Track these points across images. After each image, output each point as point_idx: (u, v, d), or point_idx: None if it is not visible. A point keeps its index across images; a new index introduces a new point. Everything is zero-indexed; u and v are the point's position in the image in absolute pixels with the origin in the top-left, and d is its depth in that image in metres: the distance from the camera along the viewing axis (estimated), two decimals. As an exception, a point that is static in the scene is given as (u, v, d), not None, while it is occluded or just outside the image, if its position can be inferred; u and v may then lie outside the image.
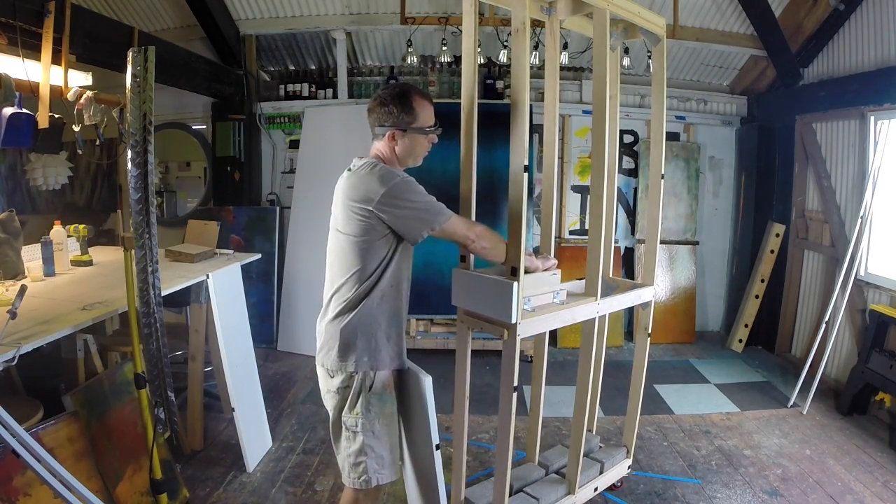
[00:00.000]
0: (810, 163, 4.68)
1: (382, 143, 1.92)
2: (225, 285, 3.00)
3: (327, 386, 1.94)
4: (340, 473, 1.96)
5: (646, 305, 2.75)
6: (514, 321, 1.98)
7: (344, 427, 1.90)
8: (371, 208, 1.79)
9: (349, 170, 1.93)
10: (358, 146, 2.86)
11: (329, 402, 1.96)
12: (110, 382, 2.46)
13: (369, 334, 1.87)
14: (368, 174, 1.83)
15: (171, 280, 2.72)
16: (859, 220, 3.77)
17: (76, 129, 2.75)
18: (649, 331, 2.78)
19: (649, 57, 3.76)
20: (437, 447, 1.94)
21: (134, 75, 2.06)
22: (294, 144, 5.26)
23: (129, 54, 2.07)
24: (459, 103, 2.22)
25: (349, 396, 1.88)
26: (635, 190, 5.40)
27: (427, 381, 1.91)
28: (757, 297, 5.03)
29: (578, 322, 2.35)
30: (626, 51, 4.65)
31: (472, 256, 2.24)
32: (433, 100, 1.98)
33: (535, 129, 4.07)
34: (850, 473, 3.04)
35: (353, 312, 1.85)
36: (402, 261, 1.91)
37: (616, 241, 5.29)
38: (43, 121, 2.60)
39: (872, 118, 3.93)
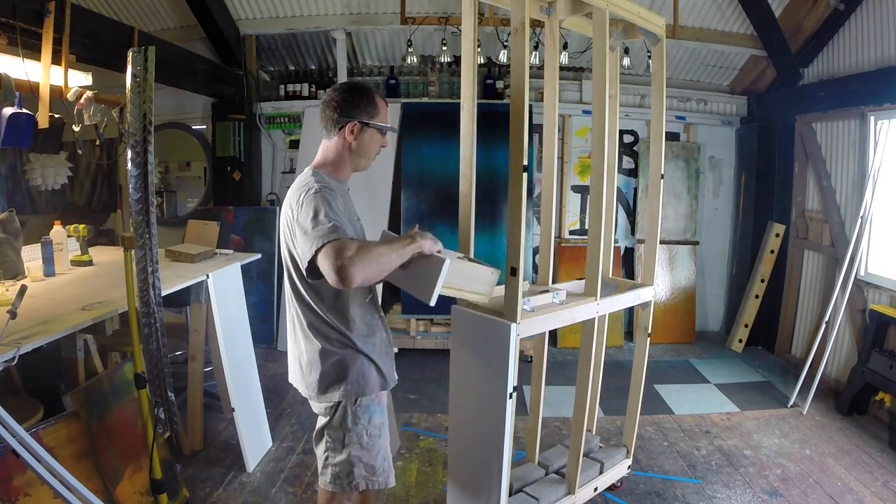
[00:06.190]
0: (810, 163, 4.68)
1: (336, 141, 1.79)
2: (225, 285, 3.01)
3: (314, 406, 1.90)
4: None
5: (646, 305, 2.75)
6: (432, 303, 1.69)
7: (327, 437, 1.82)
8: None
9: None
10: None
11: (315, 410, 1.91)
12: (110, 382, 2.46)
13: (353, 362, 1.77)
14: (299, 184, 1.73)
15: (171, 280, 2.72)
16: (859, 220, 3.77)
17: (76, 129, 2.75)
18: (649, 331, 2.78)
19: (649, 57, 3.75)
20: (515, 390, 2.02)
21: (134, 75, 2.06)
22: (294, 144, 5.26)
23: (129, 54, 2.07)
24: (459, 103, 2.23)
25: (334, 414, 1.80)
26: (635, 190, 5.40)
27: (512, 328, 1.98)
28: (757, 297, 5.03)
29: (578, 322, 2.35)
30: (626, 51, 4.65)
31: (472, 242, 2.21)
32: (434, 100, 1.97)
33: (535, 129, 4.06)
34: (850, 473, 3.04)
35: (332, 340, 1.76)
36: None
37: (616, 241, 5.29)
38: (43, 121, 2.60)
39: (872, 118, 3.93)
